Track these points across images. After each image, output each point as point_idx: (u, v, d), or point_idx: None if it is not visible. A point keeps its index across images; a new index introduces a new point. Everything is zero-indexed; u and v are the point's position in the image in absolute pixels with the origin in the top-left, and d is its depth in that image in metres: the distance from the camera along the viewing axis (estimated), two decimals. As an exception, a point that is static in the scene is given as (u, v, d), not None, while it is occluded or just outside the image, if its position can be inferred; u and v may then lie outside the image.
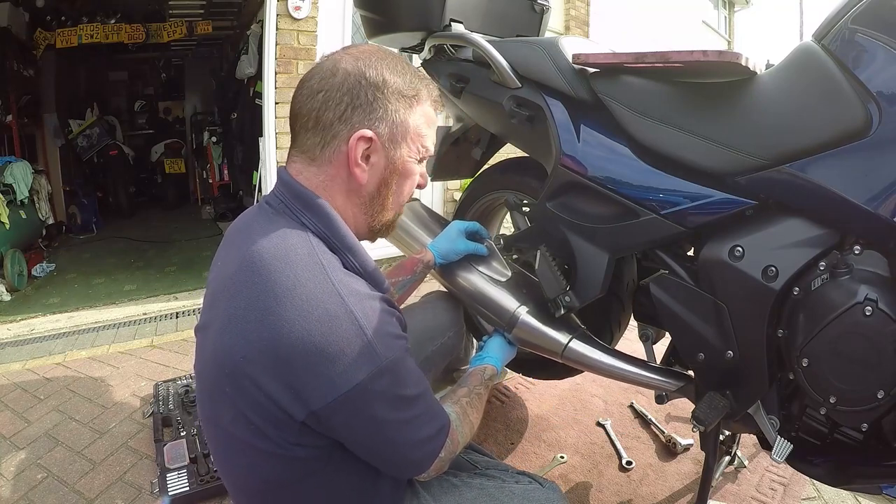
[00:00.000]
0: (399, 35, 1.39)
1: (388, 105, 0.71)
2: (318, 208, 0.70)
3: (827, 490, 1.35)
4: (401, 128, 0.73)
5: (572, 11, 5.48)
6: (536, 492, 0.85)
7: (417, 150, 0.76)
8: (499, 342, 1.14)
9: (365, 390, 0.63)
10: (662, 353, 1.14)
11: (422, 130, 0.76)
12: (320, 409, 0.62)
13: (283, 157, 3.26)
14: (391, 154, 0.74)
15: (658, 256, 1.03)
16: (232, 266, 0.68)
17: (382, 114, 0.71)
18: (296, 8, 3.13)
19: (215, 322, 0.68)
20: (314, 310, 0.61)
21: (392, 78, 0.72)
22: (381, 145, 0.72)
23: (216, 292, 0.71)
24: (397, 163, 0.75)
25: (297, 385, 0.61)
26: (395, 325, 0.69)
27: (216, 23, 5.08)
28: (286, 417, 0.63)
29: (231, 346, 0.63)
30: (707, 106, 0.93)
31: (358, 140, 0.70)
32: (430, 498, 0.81)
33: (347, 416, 0.64)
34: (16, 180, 3.54)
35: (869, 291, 0.75)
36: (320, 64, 0.73)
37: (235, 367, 0.63)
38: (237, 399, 0.64)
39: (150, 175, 6.57)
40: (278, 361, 0.61)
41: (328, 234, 0.70)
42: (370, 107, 0.70)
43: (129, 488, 1.40)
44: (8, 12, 4.07)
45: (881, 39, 0.75)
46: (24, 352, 2.28)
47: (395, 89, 0.72)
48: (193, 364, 0.77)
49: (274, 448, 0.65)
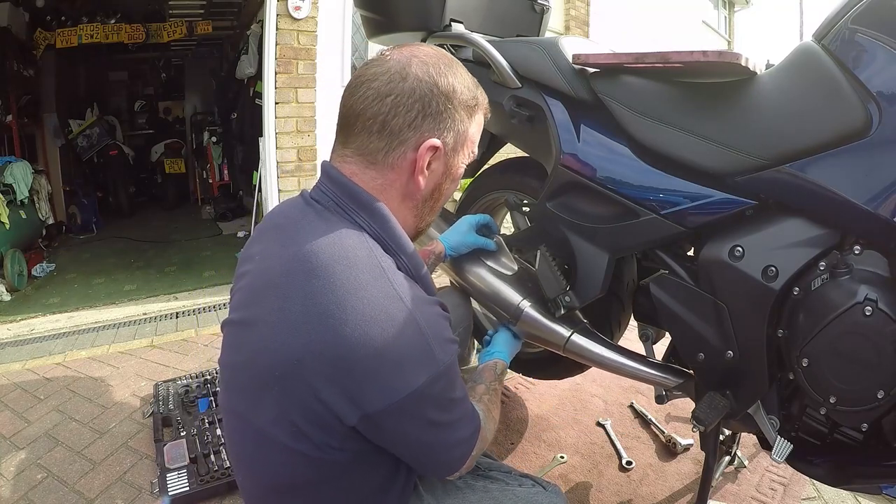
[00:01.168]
0: (399, 35, 1.39)
1: (456, 115, 0.72)
2: (376, 210, 0.70)
3: (827, 490, 1.35)
4: (462, 137, 0.74)
5: (572, 11, 5.49)
6: (539, 495, 0.85)
7: (468, 155, 0.78)
8: (505, 337, 1.14)
9: (422, 395, 0.62)
10: (662, 353, 1.14)
11: (475, 137, 0.78)
12: (375, 412, 0.61)
13: (283, 157, 3.28)
14: (450, 161, 0.75)
15: (658, 256, 1.03)
16: (280, 263, 0.66)
17: (450, 124, 0.72)
18: (296, 8, 3.13)
19: (262, 320, 0.66)
20: (377, 314, 0.60)
21: (460, 88, 0.72)
22: (444, 153, 0.73)
23: (260, 289, 0.68)
24: (453, 169, 0.76)
25: (354, 389, 0.60)
26: (450, 330, 0.70)
27: (216, 23, 5.09)
28: (335, 422, 0.62)
29: (284, 347, 0.62)
30: (707, 106, 0.93)
31: (427, 149, 0.70)
32: (434, 500, 0.81)
33: (401, 420, 0.63)
34: (16, 180, 3.54)
35: (869, 291, 0.75)
36: (383, 63, 0.71)
37: (289, 369, 0.61)
38: (284, 401, 0.63)
39: (150, 175, 6.57)
40: (338, 365, 0.60)
41: (384, 237, 0.69)
42: (440, 116, 0.70)
43: (129, 488, 1.40)
44: (8, 12, 4.07)
45: (881, 39, 0.75)
46: (24, 352, 2.29)
47: (462, 100, 0.73)
48: (220, 358, 0.75)
49: (309, 450, 0.64)
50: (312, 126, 3.35)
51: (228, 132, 5.43)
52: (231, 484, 1.36)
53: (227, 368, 0.73)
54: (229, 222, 5.14)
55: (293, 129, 3.29)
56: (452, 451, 0.72)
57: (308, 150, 3.35)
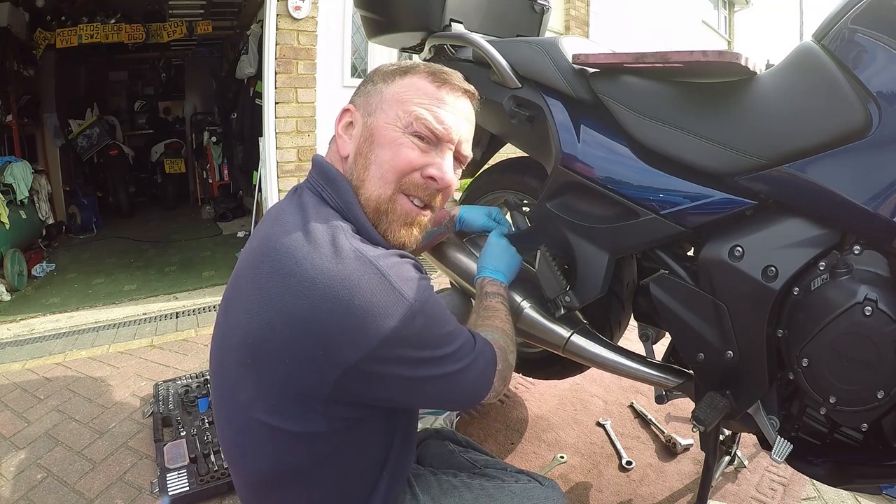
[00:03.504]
0: (399, 35, 1.39)
1: (370, 85, 0.80)
2: (332, 179, 0.75)
3: (827, 490, 1.35)
4: (376, 96, 0.78)
5: (572, 11, 5.49)
6: (536, 490, 0.85)
7: (397, 115, 0.75)
8: (494, 249, 1.07)
9: (401, 336, 0.63)
10: (662, 353, 1.14)
11: (403, 97, 0.76)
12: (355, 364, 0.62)
13: (283, 157, 3.28)
14: (368, 122, 0.77)
15: (658, 256, 1.03)
16: (255, 246, 0.70)
17: (363, 90, 0.80)
18: (296, 8, 3.13)
19: (238, 299, 0.68)
20: (335, 266, 0.62)
21: (384, 67, 0.81)
22: (360, 116, 0.78)
23: (239, 273, 0.72)
24: (376, 131, 0.75)
25: (328, 343, 0.61)
26: (416, 271, 0.70)
27: (216, 23, 5.08)
28: (316, 383, 0.63)
29: (255, 315, 0.64)
30: (707, 106, 0.93)
31: (341, 113, 0.79)
32: (430, 499, 0.81)
33: (388, 365, 0.64)
34: (16, 180, 3.54)
35: (869, 291, 0.74)
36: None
37: (261, 336, 0.63)
38: (263, 370, 0.64)
39: (150, 175, 6.57)
40: (306, 324, 0.61)
41: (343, 207, 0.73)
42: (360, 90, 0.81)
43: (129, 488, 1.40)
44: (8, 12, 4.07)
45: (881, 39, 0.75)
46: (24, 352, 2.29)
47: (381, 72, 0.80)
48: (209, 353, 0.77)
49: (293, 425, 0.65)
50: (312, 126, 3.35)
51: (228, 132, 5.43)
52: (231, 484, 1.36)
53: (214, 359, 0.75)
54: (229, 222, 5.14)
55: (293, 129, 3.29)
56: (465, 381, 0.73)
57: (308, 150, 3.35)
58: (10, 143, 4.30)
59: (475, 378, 0.75)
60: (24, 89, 4.58)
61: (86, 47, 4.88)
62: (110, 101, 6.65)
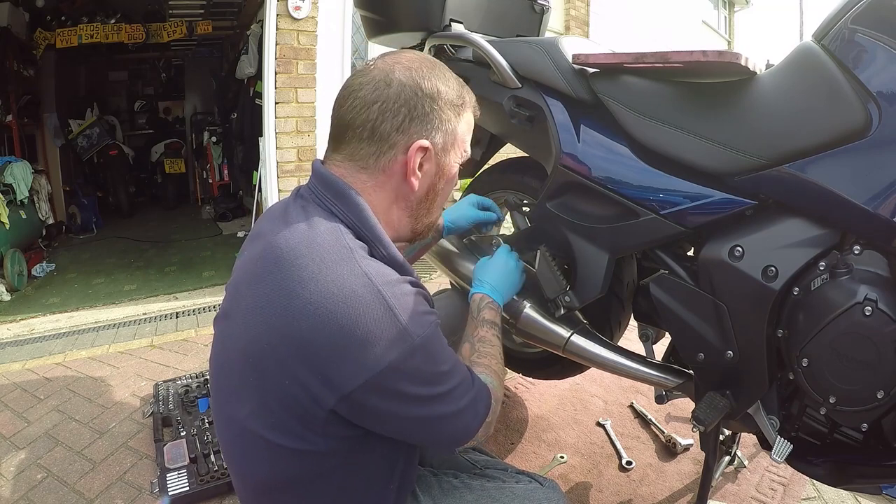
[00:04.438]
0: (399, 35, 1.39)
1: (442, 115, 0.74)
2: (350, 199, 0.71)
3: (827, 490, 1.35)
4: (451, 136, 0.76)
5: (572, 11, 5.49)
6: (537, 491, 0.85)
7: (461, 154, 0.80)
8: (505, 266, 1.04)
9: (398, 370, 0.62)
10: (662, 353, 1.14)
11: (466, 136, 0.80)
12: (351, 392, 0.61)
13: (283, 157, 3.28)
14: (442, 161, 0.76)
15: (658, 256, 1.03)
16: (255, 255, 0.69)
17: (438, 124, 0.74)
18: (296, 8, 3.13)
19: (238, 310, 0.67)
20: (340, 291, 0.61)
21: (444, 88, 0.74)
22: (435, 154, 0.75)
23: (238, 281, 0.71)
24: (446, 169, 0.78)
25: (326, 369, 0.60)
26: (425, 304, 0.69)
27: (216, 23, 5.08)
28: (313, 406, 0.62)
29: (256, 332, 0.63)
30: (707, 106, 0.93)
31: (416, 150, 0.72)
32: (431, 500, 0.81)
33: (382, 398, 0.63)
34: (16, 180, 3.54)
35: (869, 291, 0.74)
36: (368, 73, 0.73)
37: (261, 354, 0.62)
38: (262, 388, 0.63)
39: (150, 175, 6.57)
40: (306, 345, 0.60)
41: (357, 224, 0.70)
42: (427, 118, 0.72)
43: (129, 488, 1.40)
44: (8, 12, 4.07)
45: (881, 39, 0.75)
46: (24, 352, 2.29)
47: (447, 100, 0.74)
48: (210, 357, 0.76)
49: (292, 442, 0.64)
50: (312, 126, 3.35)
51: (228, 132, 5.43)
52: (231, 484, 1.36)
53: (213, 364, 0.75)
54: (229, 222, 5.14)
55: (293, 129, 3.29)
56: (456, 423, 0.71)
57: (308, 150, 3.35)
58: (10, 143, 4.30)
59: (465, 424, 0.72)
60: (24, 89, 4.58)
61: (86, 47, 4.88)
62: (110, 101, 6.65)
